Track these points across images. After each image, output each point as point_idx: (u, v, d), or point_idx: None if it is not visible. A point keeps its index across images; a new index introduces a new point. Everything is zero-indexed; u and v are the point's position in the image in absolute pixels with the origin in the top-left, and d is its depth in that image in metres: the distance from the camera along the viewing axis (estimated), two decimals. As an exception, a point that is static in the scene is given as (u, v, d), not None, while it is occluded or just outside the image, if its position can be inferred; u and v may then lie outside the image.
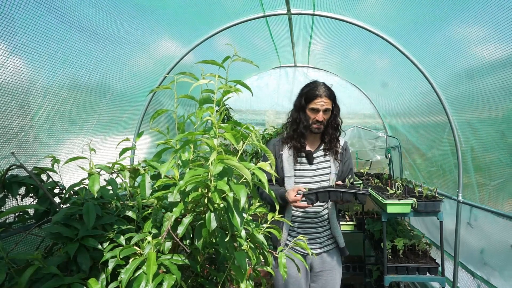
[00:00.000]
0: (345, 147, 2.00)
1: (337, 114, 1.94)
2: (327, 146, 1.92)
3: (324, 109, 1.84)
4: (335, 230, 1.92)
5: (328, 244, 1.94)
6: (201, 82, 1.02)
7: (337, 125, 1.95)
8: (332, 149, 1.91)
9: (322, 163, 1.92)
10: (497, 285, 2.06)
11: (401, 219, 3.38)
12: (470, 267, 2.38)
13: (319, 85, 1.89)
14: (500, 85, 1.76)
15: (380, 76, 3.44)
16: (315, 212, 1.89)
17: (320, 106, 1.83)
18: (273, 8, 2.46)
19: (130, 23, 1.86)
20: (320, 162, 1.92)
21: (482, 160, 2.17)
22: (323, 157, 1.93)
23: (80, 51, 1.58)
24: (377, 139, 3.97)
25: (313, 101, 1.85)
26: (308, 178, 1.90)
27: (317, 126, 1.86)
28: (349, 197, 1.64)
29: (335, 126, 1.93)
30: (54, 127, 1.59)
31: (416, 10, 2.02)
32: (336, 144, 1.93)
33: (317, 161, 1.92)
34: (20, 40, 1.23)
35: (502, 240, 2.02)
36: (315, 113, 1.85)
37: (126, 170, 1.15)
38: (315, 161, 1.91)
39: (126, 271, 0.86)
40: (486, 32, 1.69)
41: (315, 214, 1.89)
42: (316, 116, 1.84)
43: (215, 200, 0.85)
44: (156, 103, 2.58)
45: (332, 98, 1.88)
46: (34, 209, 1.18)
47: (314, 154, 1.92)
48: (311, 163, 1.91)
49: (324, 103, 1.84)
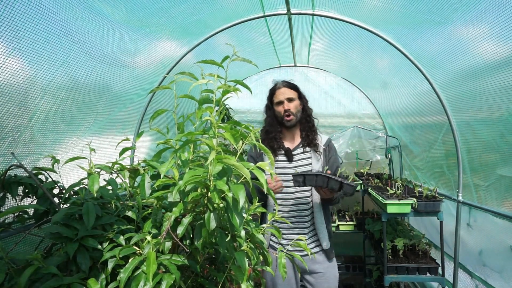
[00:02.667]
0: (328, 143, 1.96)
1: (306, 103, 1.95)
2: (305, 140, 1.90)
3: (287, 98, 1.86)
4: (319, 231, 1.86)
5: (312, 247, 1.88)
6: (200, 82, 1.01)
7: (309, 116, 1.94)
8: (311, 142, 1.88)
9: (303, 160, 1.89)
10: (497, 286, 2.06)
11: (401, 219, 3.38)
12: (470, 268, 2.38)
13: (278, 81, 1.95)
14: (500, 85, 1.76)
15: (380, 76, 3.44)
16: (297, 210, 1.86)
17: (281, 96, 1.86)
18: (272, 8, 2.46)
19: (132, 26, 1.86)
20: (300, 159, 1.89)
21: (483, 160, 2.17)
22: (303, 154, 1.90)
23: (79, 51, 1.58)
24: (377, 139, 3.97)
25: (274, 95, 1.91)
26: (288, 176, 1.86)
27: (287, 117, 1.86)
28: (335, 185, 1.61)
29: (307, 118, 1.93)
30: (52, 127, 1.59)
31: (416, 10, 2.01)
32: (314, 136, 1.90)
33: (296, 158, 1.90)
34: (20, 42, 1.24)
35: (502, 240, 2.02)
36: (281, 106, 1.87)
37: (125, 170, 1.14)
38: (295, 158, 1.90)
39: (125, 270, 0.86)
40: (486, 32, 1.69)
41: (297, 212, 1.86)
42: (282, 107, 1.86)
43: (214, 200, 0.85)
44: (155, 103, 2.59)
45: (293, 88, 1.90)
46: (34, 209, 1.18)
47: (294, 151, 1.91)
48: (290, 160, 1.89)
49: (284, 92, 1.87)
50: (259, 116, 4.26)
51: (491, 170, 2.07)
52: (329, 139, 1.99)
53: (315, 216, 1.86)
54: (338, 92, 4.03)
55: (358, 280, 3.82)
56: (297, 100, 1.90)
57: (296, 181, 1.70)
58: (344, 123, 4.08)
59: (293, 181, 1.71)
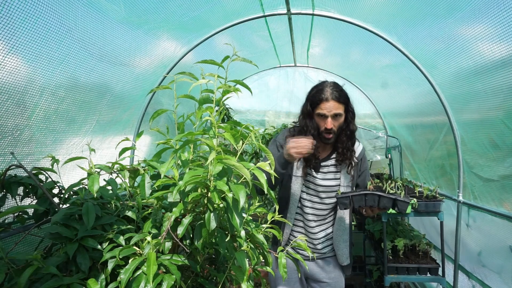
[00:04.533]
0: (361, 157, 1.73)
1: (351, 119, 1.65)
2: (340, 157, 1.67)
3: (333, 114, 1.56)
4: (338, 247, 1.74)
5: (325, 252, 1.78)
6: (200, 82, 1.01)
7: (351, 132, 1.66)
8: (346, 160, 1.66)
9: (331, 173, 1.69)
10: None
11: (401, 219, 3.38)
12: (470, 269, 2.38)
13: (326, 86, 1.59)
14: (501, 84, 1.76)
15: (380, 76, 3.44)
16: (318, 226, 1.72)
17: (327, 111, 1.55)
18: (272, 8, 2.46)
19: (131, 25, 1.86)
20: (328, 173, 1.69)
21: (483, 160, 2.17)
22: (333, 167, 1.69)
23: (79, 50, 1.58)
24: (377, 139, 3.97)
25: (319, 106, 1.57)
26: (313, 185, 1.70)
27: (327, 135, 1.60)
28: (388, 203, 1.44)
29: (348, 134, 1.65)
30: (51, 127, 1.59)
31: (416, 10, 2.01)
32: (351, 155, 1.66)
33: (325, 170, 1.69)
34: (18, 40, 1.23)
35: (502, 240, 2.02)
36: (323, 120, 1.58)
37: (125, 170, 1.14)
38: (323, 170, 1.69)
39: (125, 271, 0.85)
40: (487, 32, 1.69)
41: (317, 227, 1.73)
42: (325, 123, 1.57)
43: (214, 200, 0.85)
44: (155, 103, 2.59)
45: (342, 101, 1.58)
46: (34, 209, 1.17)
47: (323, 162, 1.69)
48: (317, 171, 1.68)
49: (333, 107, 1.55)
50: (259, 116, 4.27)
51: (491, 170, 2.06)
52: (363, 150, 1.76)
53: (335, 234, 1.73)
54: (338, 92, 4.02)
55: (358, 280, 3.82)
56: (343, 115, 1.60)
57: (342, 203, 1.51)
58: (344, 123, 4.08)
59: (339, 204, 1.53)
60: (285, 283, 1.78)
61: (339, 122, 1.60)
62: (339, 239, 1.73)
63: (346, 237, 1.74)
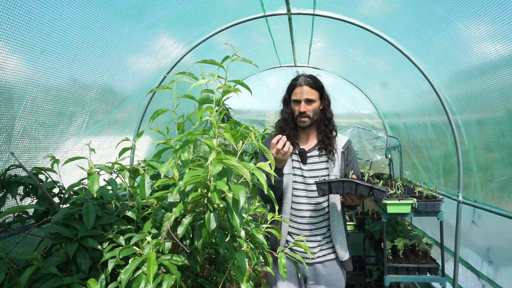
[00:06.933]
0: (347, 146, 1.77)
1: (326, 107, 1.74)
2: (321, 144, 1.73)
3: (305, 98, 1.67)
4: (336, 240, 1.72)
5: (324, 254, 1.73)
6: (200, 82, 1.01)
7: (328, 120, 1.75)
8: (327, 147, 1.72)
9: (317, 163, 1.73)
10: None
11: (401, 219, 3.38)
12: (474, 267, 2.38)
13: (301, 75, 1.74)
14: (500, 84, 1.76)
15: (380, 76, 3.44)
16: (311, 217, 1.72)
17: (300, 96, 1.68)
18: (273, 8, 2.46)
19: (130, 23, 1.86)
20: (314, 163, 1.73)
21: (483, 160, 2.17)
22: (317, 157, 1.74)
23: (80, 50, 1.58)
24: (377, 139, 3.97)
25: (293, 92, 1.72)
26: (302, 178, 1.72)
27: (301, 119, 1.69)
28: (364, 191, 1.47)
29: (326, 122, 1.74)
30: (52, 126, 1.59)
31: (417, 10, 2.01)
32: (330, 142, 1.72)
33: (310, 161, 1.74)
34: (17, 38, 1.23)
35: (501, 240, 2.02)
36: (297, 105, 1.70)
37: (125, 170, 1.14)
38: (309, 160, 1.74)
39: (125, 272, 0.85)
40: (487, 32, 1.69)
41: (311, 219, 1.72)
42: (299, 107, 1.68)
43: (214, 200, 0.85)
44: (155, 103, 2.59)
45: (315, 87, 1.69)
46: (34, 209, 1.18)
47: (309, 153, 1.75)
48: (304, 162, 1.73)
49: (304, 91, 1.67)
50: (259, 116, 4.27)
51: (491, 169, 2.07)
52: (349, 141, 1.80)
53: (331, 223, 1.73)
54: (338, 92, 4.03)
55: (358, 280, 3.82)
56: (317, 101, 1.70)
57: (320, 189, 1.55)
58: (344, 123, 4.08)
59: (318, 189, 1.57)
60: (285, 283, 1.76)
61: (313, 107, 1.70)
62: (335, 230, 1.73)
63: (342, 228, 1.75)
